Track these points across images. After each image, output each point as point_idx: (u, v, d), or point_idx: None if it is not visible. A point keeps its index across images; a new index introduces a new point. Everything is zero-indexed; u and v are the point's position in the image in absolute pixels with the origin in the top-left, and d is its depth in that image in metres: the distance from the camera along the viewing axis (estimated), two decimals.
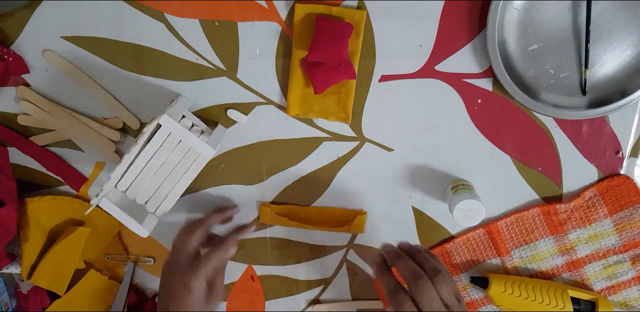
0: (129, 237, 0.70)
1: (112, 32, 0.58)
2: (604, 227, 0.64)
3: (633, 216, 0.63)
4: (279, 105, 0.62)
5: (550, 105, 0.58)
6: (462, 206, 0.59)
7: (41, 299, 0.70)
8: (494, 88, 0.60)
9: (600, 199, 0.63)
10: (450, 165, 0.64)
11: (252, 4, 0.56)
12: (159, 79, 0.60)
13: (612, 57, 0.57)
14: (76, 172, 0.65)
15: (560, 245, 0.65)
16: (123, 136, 0.63)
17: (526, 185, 0.65)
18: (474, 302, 0.70)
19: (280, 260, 0.71)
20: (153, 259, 0.71)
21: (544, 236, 0.65)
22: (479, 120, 0.61)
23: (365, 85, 0.60)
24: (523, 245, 0.66)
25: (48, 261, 0.65)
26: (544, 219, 0.65)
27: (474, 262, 0.67)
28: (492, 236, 0.66)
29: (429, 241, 0.68)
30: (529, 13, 0.55)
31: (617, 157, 0.63)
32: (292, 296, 0.73)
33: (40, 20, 0.58)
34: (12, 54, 0.58)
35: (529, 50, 0.57)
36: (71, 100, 0.62)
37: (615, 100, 0.58)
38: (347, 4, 0.56)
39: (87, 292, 0.70)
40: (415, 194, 0.66)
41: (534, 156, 0.63)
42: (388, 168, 0.64)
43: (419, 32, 0.57)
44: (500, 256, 0.66)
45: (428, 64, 0.59)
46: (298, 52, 0.57)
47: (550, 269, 0.67)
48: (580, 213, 0.64)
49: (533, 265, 0.67)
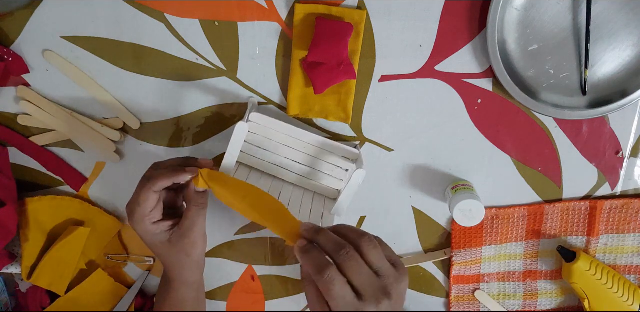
0: (129, 237, 0.70)
1: (112, 32, 0.58)
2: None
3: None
4: (279, 105, 0.62)
5: (550, 105, 0.58)
6: (462, 206, 0.59)
7: (41, 298, 0.70)
8: (494, 88, 0.60)
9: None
10: (450, 165, 0.64)
11: (252, 4, 0.56)
12: (159, 79, 0.60)
13: (612, 57, 0.57)
14: (76, 172, 0.65)
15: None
16: (123, 136, 0.63)
17: (526, 185, 0.65)
18: (536, 272, 0.69)
19: (280, 260, 0.71)
20: (153, 259, 0.71)
21: (637, 231, 0.65)
22: (479, 120, 0.61)
23: (365, 85, 0.60)
24: (613, 233, 0.65)
25: (48, 261, 0.65)
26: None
27: (560, 232, 0.66)
28: (593, 212, 0.65)
29: (429, 241, 0.68)
30: (529, 13, 0.55)
31: (617, 157, 0.63)
32: (292, 296, 0.73)
33: (40, 20, 0.57)
34: (12, 54, 0.58)
35: (529, 50, 0.57)
36: (71, 100, 0.62)
37: (615, 100, 0.58)
38: (347, 4, 0.56)
39: (90, 292, 0.70)
40: (415, 194, 0.66)
41: (534, 156, 0.63)
42: (388, 168, 0.64)
43: (419, 32, 0.57)
44: (588, 236, 0.65)
45: (428, 64, 0.59)
46: (298, 52, 0.57)
47: (624, 266, 0.67)
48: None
49: (611, 256, 0.66)
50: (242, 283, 0.72)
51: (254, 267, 0.71)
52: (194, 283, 0.60)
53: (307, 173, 0.61)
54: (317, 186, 0.61)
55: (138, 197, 0.53)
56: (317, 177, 0.61)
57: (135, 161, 0.65)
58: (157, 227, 0.54)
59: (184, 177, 0.53)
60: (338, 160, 0.60)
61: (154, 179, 0.52)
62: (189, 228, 0.54)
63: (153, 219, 0.54)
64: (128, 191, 0.66)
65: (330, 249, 0.45)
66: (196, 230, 0.55)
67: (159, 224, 0.54)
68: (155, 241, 0.55)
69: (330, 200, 0.61)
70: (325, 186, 0.61)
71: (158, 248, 0.56)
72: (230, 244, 0.70)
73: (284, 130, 0.59)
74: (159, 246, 0.55)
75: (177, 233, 0.55)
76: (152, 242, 0.55)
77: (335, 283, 0.42)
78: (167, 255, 0.56)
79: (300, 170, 0.61)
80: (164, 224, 0.55)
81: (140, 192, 0.52)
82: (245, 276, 0.72)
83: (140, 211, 0.53)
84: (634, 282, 0.68)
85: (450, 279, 0.69)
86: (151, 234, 0.55)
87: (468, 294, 0.71)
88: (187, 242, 0.55)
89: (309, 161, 0.60)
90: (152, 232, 0.54)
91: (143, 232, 0.54)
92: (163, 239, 0.55)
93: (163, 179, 0.52)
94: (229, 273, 0.71)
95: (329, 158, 0.60)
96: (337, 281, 0.43)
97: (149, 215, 0.53)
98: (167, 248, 0.55)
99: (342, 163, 0.60)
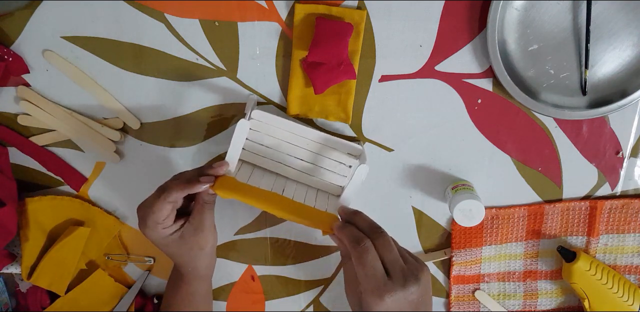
0: (129, 237, 0.70)
1: (112, 32, 0.58)
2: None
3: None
4: (279, 105, 0.62)
5: (550, 105, 0.58)
6: (462, 206, 0.59)
7: (41, 298, 0.70)
8: (494, 88, 0.60)
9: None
10: (450, 165, 0.64)
11: (252, 4, 0.56)
12: (159, 79, 0.60)
13: (612, 57, 0.57)
14: (76, 172, 0.65)
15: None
16: (123, 136, 0.63)
17: (526, 185, 0.65)
18: (536, 272, 0.69)
19: (280, 260, 0.71)
20: (153, 259, 0.71)
21: (637, 231, 0.65)
22: (479, 120, 0.61)
23: (365, 85, 0.60)
24: (613, 233, 0.65)
25: (48, 261, 0.65)
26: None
27: (560, 232, 0.66)
28: (593, 212, 0.65)
29: (429, 241, 0.68)
30: (529, 13, 0.55)
31: (617, 157, 0.63)
32: (292, 296, 0.73)
33: (40, 20, 0.57)
34: (12, 54, 0.58)
35: (529, 50, 0.57)
36: (71, 100, 0.62)
37: (615, 100, 0.58)
38: (347, 4, 0.56)
39: (90, 292, 0.70)
40: (415, 194, 0.66)
41: (534, 156, 0.63)
42: (388, 168, 0.64)
43: (419, 32, 0.57)
44: (589, 236, 0.65)
45: (428, 64, 0.59)
46: (298, 52, 0.57)
47: (624, 266, 0.67)
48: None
49: (611, 256, 0.67)
50: (242, 283, 0.72)
51: (254, 267, 0.71)
52: (206, 276, 0.62)
53: (310, 170, 0.61)
54: (320, 183, 0.61)
55: (152, 205, 0.53)
56: (320, 174, 0.61)
57: (135, 161, 0.65)
58: (168, 230, 0.55)
59: (198, 188, 0.53)
60: (341, 156, 0.60)
61: (169, 190, 0.53)
62: (201, 223, 0.56)
63: (165, 225, 0.54)
64: (128, 191, 0.66)
65: (366, 227, 0.50)
66: (207, 225, 0.56)
67: (170, 227, 0.55)
68: (167, 241, 0.56)
69: (333, 197, 0.61)
70: (329, 183, 0.61)
71: (170, 247, 0.56)
72: (230, 244, 0.70)
73: (285, 127, 0.59)
74: (171, 244, 0.56)
75: (189, 229, 0.56)
76: (164, 244, 0.56)
77: (369, 252, 0.46)
78: (179, 252, 0.57)
79: (303, 167, 0.61)
80: (174, 226, 0.55)
81: (154, 202, 0.53)
82: (245, 276, 0.72)
83: (153, 218, 0.53)
84: (634, 282, 0.68)
85: (450, 279, 0.69)
86: (162, 237, 0.55)
87: (468, 294, 0.71)
88: (201, 236, 0.56)
89: (312, 157, 0.60)
90: (164, 235, 0.55)
91: (154, 237, 0.55)
92: (175, 237, 0.56)
93: (177, 190, 0.53)
94: (229, 273, 0.72)
95: (332, 154, 0.60)
96: (371, 250, 0.47)
97: (162, 223, 0.54)
98: (179, 245, 0.56)
99: (345, 159, 0.60)
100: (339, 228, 0.51)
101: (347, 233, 0.49)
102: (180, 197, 0.54)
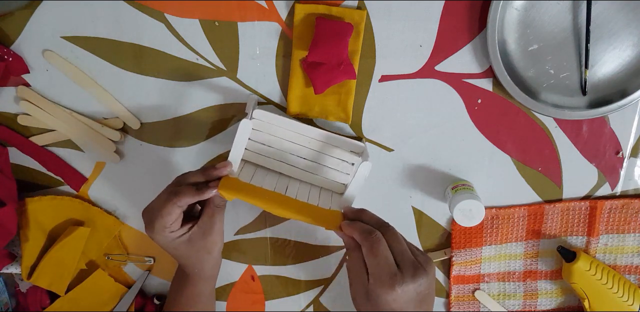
0: (129, 237, 0.70)
1: (112, 32, 0.58)
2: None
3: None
4: (279, 105, 0.62)
5: (550, 105, 0.58)
6: (462, 206, 0.59)
7: (41, 298, 0.70)
8: (494, 88, 0.60)
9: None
10: (450, 165, 0.64)
11: (252, 4, 0.56)
12: (159, 79, 0.60)
13: (612, 57, 0.57)
14: (76, 172, 0.65)
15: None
16: (123, 136, 0.63)
17: (526, 185, 0.65)
18: (536, 272, 0.69)
19: (280, 260, 0.71)
20: (153, 259, 0.71)
21: (637, 231, 0.65)
22: (479, 120, 0.61)
23: (365, 85, 0.60)
24: (614, 233, 0.65)
25: (48, 261, 0.65)
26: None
27: (560, 232, 0.66)
28: (593, 212, 0.65)
29: (429, 241, 0.68)
30: (529, 13, 0.55)
31: (617, 157, 0.63)
32: (292, 296, 0.73)
33: (40, 20, 0.57)
34: (12, 54, 0.58)
35: (529, 50, 0.57)
36: (71, 100, 0.62)
37: (615, 100, 0.58)
38: (347, 4, 0.56)
39: (90, 292, 0.70)
40: (415, 194, 0.66)
41: (534, 156, 0.63)
42: (388, 168, 0.64)
43: (419, 32, 0.57)
44: (588, 236, 0.65)
45: (428, 64, 0.59)
46: (298, 52, 0.57)
47: (624, 266, 0.67)
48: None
49: (611, 256, 0.67)
50: (242, 283, 0.72)
51: (254, 267, 0.71)
52: (211, 277, 0.62)
53: (312, 168, 0.61)
54: (323, 181, 0.61)
55: (161, 209, 0.53)
56: (323, 172, 0.60)
57: (135, 160, 0.65)
58: (175, 233, 0.55)
59: (209, 194, 0.53)
60: (343, 154, 0.60)
61: (181, 195, 0.52)
62: (209, 227, 0.56)
63: (173, 229, 0.54)
64: (128, 191, 0.66)
65: (374, 223, 0.51)
66: (216, 228, 0.56)
67: (177, 231, 0.55)
68: (174, 244, 0.55)
69: (337, 194, 0.61)
70: (332, 181, 0.61)
71: (177, 250, 0.56)
72: (231, 244, 0.70)
73: (287, 126, 0.59)
74: (178, 247, 0.56)
75: (198, 233, 0.56)
76: (171, 247, 0.56)
77: (381, 242, 0.47)
78: (187, 255, 0.57)
79: (305, 165, 0.61)
80: (181, 229, 0.55)
81: (164, 206, 0.53)
82: (245, 276, 0.72)
83: (161, 222, 0.53)
84: (634, 282, 0.68)
85: (450, 279, 0.69)
86: (170, 240, 0.55)
87: (468, 294, 0.71)
88: (209, 240, 0.56)
89: (315, 155, 0.60)
90: (171, 238, 0.55)
91: (162, 240, 0.55)
92: (183, 240, 0.55)
93: (189, 196, 0.53)
94: (229, 273, 0.72)
95: (334, 152, 0.60)
96: (382, 241, 0.47)
97: (169, 227, 0.54)
98: (187, 248, 0.56)
99: (348, 157, 0.60)
100: (347, 224, 0.51)
101: (356, 228, 0.50)
102: (190, 203, 0.53)
